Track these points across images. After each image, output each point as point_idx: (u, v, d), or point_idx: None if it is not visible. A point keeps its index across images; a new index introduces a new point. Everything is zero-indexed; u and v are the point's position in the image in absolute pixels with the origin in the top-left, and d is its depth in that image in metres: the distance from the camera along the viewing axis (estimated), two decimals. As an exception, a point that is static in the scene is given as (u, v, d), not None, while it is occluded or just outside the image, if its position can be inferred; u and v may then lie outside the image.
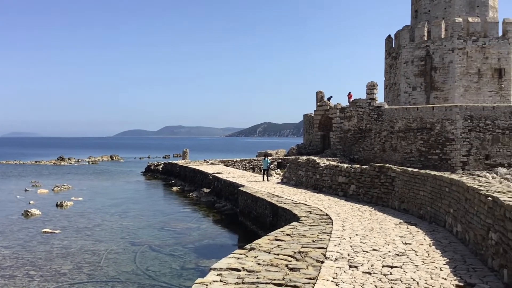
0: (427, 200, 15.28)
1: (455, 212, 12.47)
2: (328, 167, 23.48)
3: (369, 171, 20.20)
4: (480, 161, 35.32)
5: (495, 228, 8.91)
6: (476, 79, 43.92)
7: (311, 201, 19.49)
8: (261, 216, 20.88)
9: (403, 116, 38.60)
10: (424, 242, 11.50)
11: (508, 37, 43.83)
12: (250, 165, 42.19)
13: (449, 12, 46.64)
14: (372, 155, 40.15)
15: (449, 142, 35.82)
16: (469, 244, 10.83)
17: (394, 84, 49.34)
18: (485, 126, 35.50)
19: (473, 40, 43.79)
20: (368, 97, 41.40)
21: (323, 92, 47.15)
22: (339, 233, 12.37)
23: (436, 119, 36.61)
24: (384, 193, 19.02)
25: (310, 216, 15.38)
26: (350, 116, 42.07)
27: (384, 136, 39.71)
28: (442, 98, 44.45)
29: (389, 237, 12.00)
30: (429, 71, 45.49)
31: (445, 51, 44.50)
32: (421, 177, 16.05)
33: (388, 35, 51.79)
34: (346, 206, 18.08)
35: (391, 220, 15.04)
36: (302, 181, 25.75)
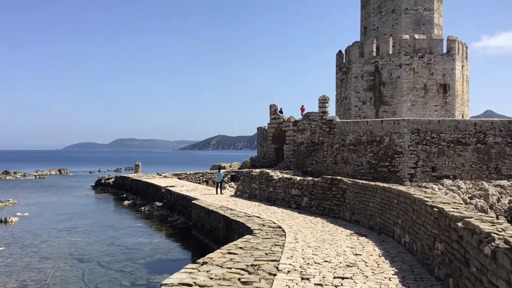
0: (377, 211, 15.65)
1: (403, 223, 12.82)
2: (282, 179, 23.65)
3: (321, 184, 20.51)
4: (427, 173, 36.55)
5: (441, 238, 9.22)
6: (423, 94, 45.63)
7: (265, 213, 19.53)
8: (214, 229, 20.73)
9: (353, 130, 39.49)
10: (374, 252, 11.74)
11: (452, 54, 45.88)
12: (204, 178, 41.90)
13: (397, 29, 48.38)
14: (324, 167, 40.78)
15: (398, 155, 36.91)
16: (417, 254, 11.14)
17: (345, 98, 50.50)
18: (431, 139, 36.84)
19: (419, 56, 45.55)
20: (320, 111, 42.14)
21: (277, 105, 47.66)
22: (292, 246, 12.44)
23: (385, 133, 37.68)
24: (336, 205, 19.33)
25: (263, 229, 15.40)
26: (303, 129, 42.65)
27: (336, 149, 40.47)
28: (391, 112, 45.84)
29: (340, 248, 12.18)
30: (378, 85, 46.88)
31: (393, 66, 46.04)
32: (371, 189, 16.44)
33: (339, 50, 53.07)
34: (299, 218, 18.23)
35: (342, 231, 15.28)
36: (255, 194, 25.80)
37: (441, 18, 50.26)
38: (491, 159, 36.88)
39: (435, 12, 48.74)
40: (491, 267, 6.40)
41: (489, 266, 6.47)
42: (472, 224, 7.47)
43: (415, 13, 48.31)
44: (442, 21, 50.44)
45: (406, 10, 48.27)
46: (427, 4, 48.43)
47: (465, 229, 7.71)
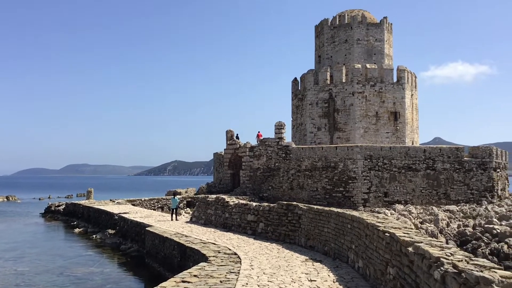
0: (331, 237, 15.81)
1: (357, 248, 13.00)
2: (238, 205, 23.57)
3: (277, 209, 20.57)
4: (379, 198, 37.36)
5: (392, 263, 9.40)
6: (375, 121, 47.00)
7: (220, 240, 19.35)
8: (169, 257, 20.31)
9: (309, 155, 40.04)
10: (329, 278, 11.81)
11: (402, 83, 47.66)
12: (159, 204, 41.15)
13: (349, 58, 49.94)
14: (280, 193, 40.97)
15: (351, 180, 37.60)
16: (370, 279, 11.29)
17: (301, 124, 51.29)
18: (383, 165, 37.81)
19: (371, 85, 47.06)
20: (276, 137, 42.56)
21: (233, 131, 47.80)
22: (247, 272, 12.35)
23: (339, 158, 38.39)
24: (291, 231, 19.40)
25: (219, 256, 15.24)
26: (259, 155, 42.87)
27: (292, 175, 40.82)
28: (345, 139, 46.87)
29: (296, 275, 12.19)
30: (332, 112, 47.97)
31: (346, 94, 47.31)
32: (325, 214, 16.63)
33: (295, 77, 54.12)
34: (254, 245, 18.16)
35: (297, 257, 15.32)
36: (211, 220, 25.56)
37: (391, 48, 52.31)
38: (440, 184, 38.16)
39: (385, 43, 50.71)
40: (440, 291, 6.57)
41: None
42: (422, 249, 7.67)
43: (366, 44, 50.09)
44: (392, 52, 52.48)
45: (358, 41, 50.00)
46: (377, 35, 50.36)
47: (416, 254, 7.91)
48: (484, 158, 39.49)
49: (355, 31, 49.98)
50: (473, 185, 38.77)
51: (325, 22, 52.10)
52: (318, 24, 53.96)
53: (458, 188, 38.43)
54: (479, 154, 39.68)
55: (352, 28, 50.18)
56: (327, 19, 52.27)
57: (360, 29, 50.07)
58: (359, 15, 51.00)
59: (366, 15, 51.51)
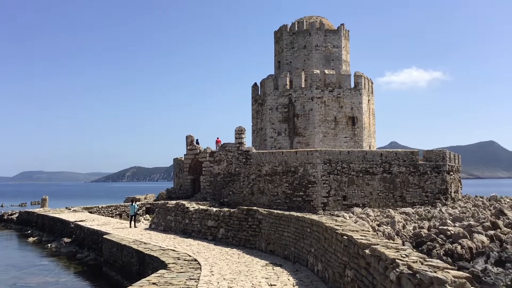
0: (291, 241, 15.92)
1: (316, 251, 13.14)
2: (198, 211, 23.42)
3: (237, 214, 20.55)
4: (338, 202, 37.92)
5: (350, 265, 9.54)
6: (333, 126, 47.75)
7: (180, 246, 19.16)
8: (127, 265, 19.93)
9: (269, 160, 40.23)
10: (288, 282, 11.88)
11: (359, 88, 48.66)
12: (117, 211, 40.35)
13: (308, 64, 50.60)
14: (241, 198, 40.95)
15: (311, 185, 38.00)
16: (329, 282, 11.43)
17: (261, 129, 51.50)
18: (342, 169, 38.42)
19: (330, 90, 47.82)
20: (236, 142, 42.54)
21: (193, 136, 47.46)
22: (207, 279, 12.27)
23: (299, 163, 38.75)
24: (251, 236, 19.41)
25: (179, 263, 15.07)
26: (220, 160, 42.74)
27: (253, 180, 40.88)
28: (304, 143, 47.37)
29: (256, 280, 12.20)
30: (292, 117, 48.43)
31: (305, 99, 47.88)
32: (286, 219, 16.74)
33: (254, 83, 54.32)
34: (215, 250, 18.07)
35: (258, 262, 15.34)
36: (171, 226, 25.27)
37: (348, 54, 53.35)
38: (396, 187, 39.11)
39: (343, 49, 51.69)
40: (396, 292, 6.72)
41: (394, 291, 6.78)
42: (379, 251, 7.83)
43: (325, 50, 50.91)
44: (349, 58, 53.54)
45: (317, 47, 50.75)
46: (335, 41, 51.29)
47: (372, 256, 8.06)
48: (438, 161, 40.76)
49: (314, 37, 50.74)
50: (428, 187, 39.92)
51: (284, 28, 52.64)
52: (277, 30, 54.45)
53: (413, 191, 39.49)
54: (433, 157, 40.93)
55: (310, 34, 50.91)
56: (286, 25, 52.83)
57: (318, 36, 50.85)
58: (317, 22, 51.79)
59: (324, 22, 52.37)
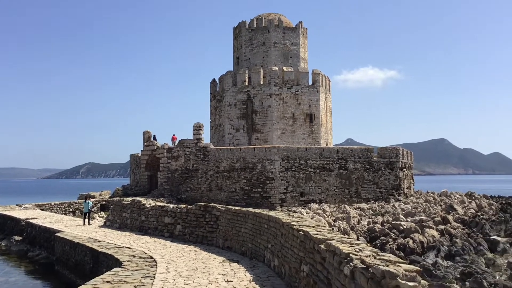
0: (249, 237, 15.96)
1: (273, 247, 13.22)
2: (154, 208, 23.11)
3: (194, 211, 20.41)
4: (296, 198, 38.31)
5: (306, 260, 9.65)
6: (291, 123, 48.17)
7: (136, 244, 18.86)
8: (80, 263, 19.45)
9: (227, 156, 40.16)
10: (245, 278, 11.91)
11: (317, 86, 49.27)
12: (70, 208, 39.27)
13: (267, 61, 50.81)
14: (199, 194, 40.71)
15: (269, 181, 38.22)
16: (285, 277, 11.52)
17: (219, 126, 51.34)
18: (300, 165, 38.83)
19: (288, 87, 48.20)
20: (194, 138, 42.23)
21: (150, 132, 46.74)
22: (163, 276, 12.13)
23: (257, 159, 38.88)
24: (209, 232, 19.34)
25: (134, 260, 14.83)
26: (177, 156, 42.32)
27: (211, 176, 40.71)
28: (262, 140, 47.57)
29: (212, 276, 12.16)
30: (251, 114, 48.52)
31: (264, 96, 48.05)
32: (243, 215, 16.76)
33: (213, 79, 54.05)
34: (172, 247, 17.89)
35: (215, 258, 15.30)
36: (126, 224, 24.83)
37: (306, 52, 53.91)
38: (352, 184, 39.88)
39: (301, 47, 52.18)
40: (350, 286, 6.84)
41: (348, 285, 6.90)
42: (333, 246, 7.94)
43: (283, 47, 51.24)
44: (307, 55, 54.10)
45: (275, 44, 51.01)
46: (293, 39, 51.71)
47: (327, 251, 8.17)
48: (391, 158, 41.83)
49: (272, 34, 50.97)
50: (382, 184, 40.92)
51: (243, 25, 52.61)
52: (236, 26, 54.37)
53: (368, 187, 40.38)
54: (387, 154, 41.98)
55: (269, 31, 51.11)
56: (245, 22, 52.82)
57: (277, 33, 51.12)
58: (275, 19, 52.05)
59: (282, 19, 52.69)
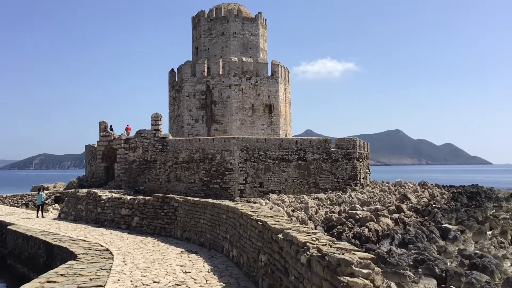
0: (207, 228, 15.92)
1: (231, 237, 13.25)
2: (111, 199, 22.70)
3: (152, 202, 20.18)
4: (255, 189, 38.47)
5: (264, 250, 9.72)
6: (251, 114, 48.21)
7: (91, 236, 18.48)
8: (34, 257, 18.91)
9: (186, 147, 39.83)
10: (203, 269, 11.88)
11: (276, 77, 49.45)
12: (23, 200, 38.00)
13: (226, 51, 50.54)
14: (157, 185, 40.23)
15: (228, 172, 38.20)
16: (243, 267, 11.58)
17: (178, 116, 50.80)
18: (259, 156, 38.99)
19: (247, 78, 48.15)
20: (153, 128, 41.60)
21: (107, 122, 45.69)
22: (120, 268, 11.95)
23: (216, 150, 38.75)
24: (167, 223, 19.17)
25: (89, 253, 14.54)
26: (135, 147, 41.62)
27: (169, 167, 40.29)
28: (222, 130, 47.42)
29: (170, 268, 12.07)
30: (210, 104, 48.23)
31: (223, 86, 47.84)
32: (202, 206, 16.70)
33: (172, 69, 53.35)
34: (129, 239, 17.64)
35: (173, 250, 15.19)
36: (82, 216, 24.29)
37: (266, 43, 53.95)
38: (310, 174, 40.39)
39: (260, 38, 52.16)
40: (307, 274, 6.93)
41: (305, 274, 7.00)
42: (291, 235, 8.02)
43: (242, 37, 51.08)
44: (267, 46, 54.16)
45: (235, 34, 50.78)
46: (253, 29, 51.62)
47: (285, 240, 8.25)
48: (348, 149, 42.61)
49: (232, 25, 50.70)
50: (339, 174, 41.66)
51: (202, 14, 52.07)
52: (195, 16, 53.75)
53: (326, 177, 41.02)
54: (344, 145, 42.73)
55: (228, 22, 50.81)
56: (204, 11, 52.29)
57: (236, 23, 50.89)
58: (235, 9, 51.76)
59: (241, 9, 52.46)
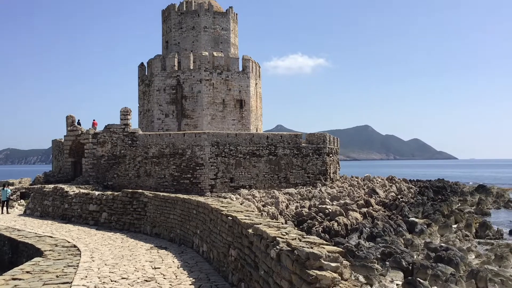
0: (177, 223, 15.82)
1: (202, 232, 13.20)
2: (78, 195, 22.32)
3: (121, 198, 19.93)
4: (226, 184, 38.41)
5: (234, 245, 9.72)
6: (221, 109, 48.04)
7: (58, 232, 18.14)
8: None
9: (156, 142, 39.41)
10: (173, 264, 11.81)
11: (247, 72, 49.38)
12: (-14, 197, 36.95)
13: (197, 45, 50.16)
14: (127, 181, 39.70)
15: (199, 167, 38.01)
16: (213, 263, 11.56)
17: (148, 111, 50.22)
18: (230, 151, 38.91)
19: (218, 72, 47.93)
20: (122, 123, 40.99)
21: (74, 116, 44.75)
22: (87, 265, 11.76)
23: (187, 145, 38.49)
24: (136, 219, 18.96)
25: (56, 249, 14.26)
26: (104, 142, 40.95)
27: (139, 162, 39.81)
28: (192, 125, 47.12)
29: (139, 263, 11.95)
30: (180, 99, 47.82)
31: (194, 81, 47.50)
32: (172, 201, 16.58)
33: (141, 62, 52.63)
34: (97, 235, 17.37)
35: (142, 245, 15.04)
36: (48, 212, 23.82)
37: (236, 38, 53.80)
38: (281, 169, 40.57)
39: (231, 32, 51.97)
40: (276, 268, 6.96)
41: (275, 268, 7.03)
42: (261, 230, 8.04)
43: (213, 32, 50.79)
44: (237, 41, 54.02)
45: (205, 28, 50.44)
46: (224, 24, 51.38)
47: (255, 235, 8.27)
48: (319, 144, 42.97)
49: (202, 19, 50.34)
50: (310, 169, 41.98)
51: (172, 8, 51.50)
52: (165, 9, 53.13)
53: (296, 172, 41.28)
54: (315, 140, 43.07)
55: (199, 16, 50.43)
56: (174, 5, 51.73)
57: (207, 17, 50.54)
58: (205, 3, 51.40)
59: (212, 3, 52.13)
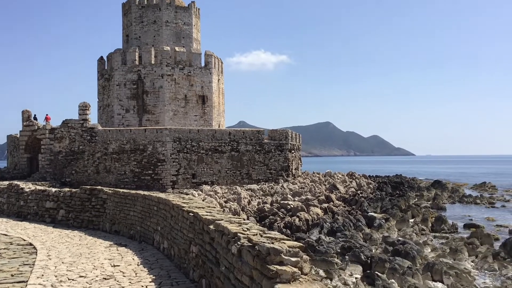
0: (137, 220, 15.60)
1: (162, 229, 13.06)
2: (34, 192, 21.68)
3: (79, 194, 19.48)
4: (188, 180, 38.15)
5: (195, 241, 9.67)
6: (184, 104, 47.62)
7: (14, 230, 17.56)
8: None
9: (117, 138, 38.71)
10: (133, 262, 11.64)
11: (210, 68, 49.10)
12: None
13: (158, 40, 49.49)
14: (85, 177, 38.86)
15: (160, 163, 37.60)
16: (174, 259, 11.46)
17: (108, 106, 49.22)
18: (192, 147, 38.66)
19: (180, 68, 47.45)
20: (80, 118, 40.03)
21: (30, 111, 43.39)
22: (44, 263, 11.45)
23: (148, 141, 37.99)
24: (95, 216, 18.59)
25: (11, 248, 13.81)
26: (61, 137, 39.89)
27: (98, 158, 39.01)
28: (154, 121, 46.51)
29: (98, 261, 11.72)
30: (141, 94, 47.09)
31: (155, 76, 46.87)
32: (132, 198, 16.32)
33: (101, 56, 51.49)
34: (54, 233, 16.94)
35: (101, 243, 14.76)
36: (3, 209, 23.07)
37: (199, 33, 53.41)
38: (243, 165, 40.62)
39: (193, 27, 51.54)
40: (237, 264, 6.96)
41: (236, 264, 7.03)
42: (222, 226, 8.02)
43: (175, 26, 50.23)
44: (200, 36, 53.63)
45: (167, 23, 49.82)
46: (186, 19, 50.88)
47: (216, 231, 8.24)
48: (281, 140, 43.25)
49: (164, 13, 49.68)
50: (272, 165, 42.21)
51: (132, 1, 50.58)
52: (125, 2, 52.11)
53: (259, 168, 41.42)
54: (277, 136, 43.33)
55: (160, 9, 49.75)
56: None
57: (168, 11, 49.92)
58: (168, -3, 50.76)
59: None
